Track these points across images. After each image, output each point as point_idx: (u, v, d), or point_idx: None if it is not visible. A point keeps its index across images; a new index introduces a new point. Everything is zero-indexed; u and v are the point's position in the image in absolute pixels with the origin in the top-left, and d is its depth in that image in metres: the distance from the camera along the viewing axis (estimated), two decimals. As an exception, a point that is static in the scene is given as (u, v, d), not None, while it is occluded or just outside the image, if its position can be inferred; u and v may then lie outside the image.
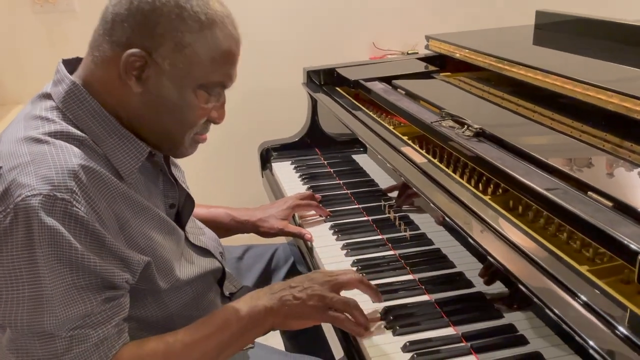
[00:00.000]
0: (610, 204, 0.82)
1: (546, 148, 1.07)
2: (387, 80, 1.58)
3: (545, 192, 0.87)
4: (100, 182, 0.85)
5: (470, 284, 1.05)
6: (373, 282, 1.10)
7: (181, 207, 1.07)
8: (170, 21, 0.86)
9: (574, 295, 0.75)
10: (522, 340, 0.92)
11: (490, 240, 0.90)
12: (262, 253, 1.50)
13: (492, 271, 0.94)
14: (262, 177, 1.81)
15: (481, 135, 1.11)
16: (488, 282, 1.01)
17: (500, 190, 1.08)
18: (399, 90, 1.49)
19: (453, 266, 1.12)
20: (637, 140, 1.07)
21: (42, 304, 0.79)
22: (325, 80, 1.76)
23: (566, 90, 1.23)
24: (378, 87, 1.54)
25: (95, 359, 0.82)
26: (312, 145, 1.80)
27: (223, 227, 1.34)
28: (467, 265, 1.08)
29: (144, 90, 0.88)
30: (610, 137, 1.13)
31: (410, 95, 1.44)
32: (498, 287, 1.01)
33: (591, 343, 0.70)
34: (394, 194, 1.33)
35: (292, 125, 1.90)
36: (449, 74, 1.70)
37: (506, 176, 0.96)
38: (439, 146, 1.27)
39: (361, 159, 1.61)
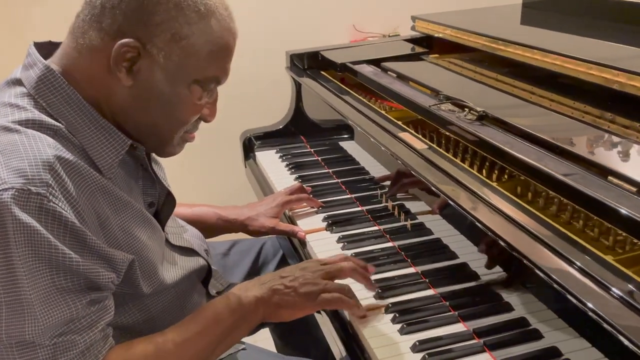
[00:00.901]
0: (634, 189, 0.76)
1: (554, 131, 1.01)
2: (375, 62, 1.51)
3: (564, 178, 0.82)
4: (78, 175, 0.77)
5: (476, 276, 1.00)
6: (374, 277, 1.04)
7: (160, 207, 0.98)
8: (168, 10, 0.79)
9: (603, 286, 0.70)
10: (536, 335, 0.87)
11: (505, 227, 0.84)
12: (249, 248, 1.42)
13: (506, 260, 0.89)
14: (246, 167, 1.73)
15: (484, 118, 1.05)
16: (498, 273, 0.97)
17: (505, 176, 1.02)
18: (389, 73, 1.42)
19: (456, 257, 1.07)
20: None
21: (21, 310, 0.71)
22: (309, 64, 1.68)
23: (567, 69, 1.17)
24: (367, 70, 1.46)
25: None
26: (297, 132, 1.73)
27: (209, 227, 1.25)
28: (470, 255, 1.03)
29: (134, 83, 0.81)
30: (617, 118, 1.08)
31: (402, 78, 1.37)
32: (508, 278, 0.96)
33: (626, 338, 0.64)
34: (389, 182, 1.27)
35: (275, 113, 1.82)
36: (437, 55, 1.64)
37: (518, 162, 0.91)
38: (436, 131, 1.21)
39: (349, 146, 1.54)
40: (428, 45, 1.70)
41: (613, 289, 0.69)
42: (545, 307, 0.90)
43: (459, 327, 0.92)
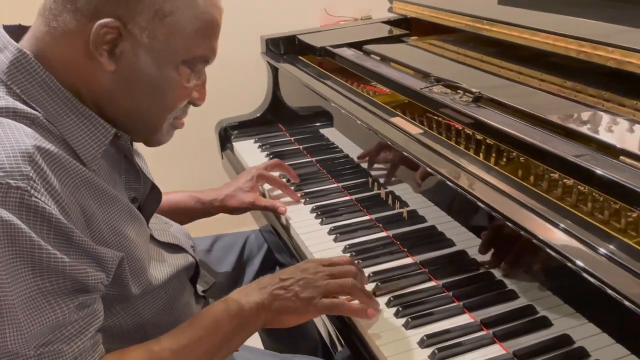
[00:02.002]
0: (648, 167, 0.74)
1: (554, 111, 0.98)
2: (356, 46, 1.46)
3: (575, 160, 0.78)
4: (60, 167, 0.70)
5: (476, 264, 0.97)
6: (370, 269, 1.00)
7: (143, 201, 0.92)
8: None
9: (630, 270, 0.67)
10: (545, 322, 0.85)
11: (517, 211, 0.81)
12: (233, 243, 1.37)
13: (509, 245, 0.86)
14: (222, 158, 1.66)
15: (480, 99, 1.01)
16: (499, 259, 0.94)
17: (504, 160, 0.99)
18: (372, 56, 1.37)
19: (453, 244, 1.03)
20: (640, 98, 1.01)
21: (2, 316, 0.64)
22: (285, 49, 1.61)
23: (557, 48, 1.14)
24: (349, 53, 1.41)
25: None
26: (275, 121, 1.66)
27: (188, 212, 1.21)
28: (468, 242, 1.00)
29: (118, 68, 0.74)
30: (609, 96, 1.06)
31: (387, 60, 1.32)
32: (510, 265, 0.93)
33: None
34: (378, 169, 1.22)
35: (249, 101, 1.75)
36: (415, 37, 1.60)
37: (522, 144, 0.87)
38: (425, 115, 1.16)
39: (329, 133, 1.49)
40: (407, 27, 1.66)
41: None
42: (551, 294, 0.87)
43: (465, 319, 0.88)
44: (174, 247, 0.99)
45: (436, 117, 1.16)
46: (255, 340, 1.39)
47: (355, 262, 0.96)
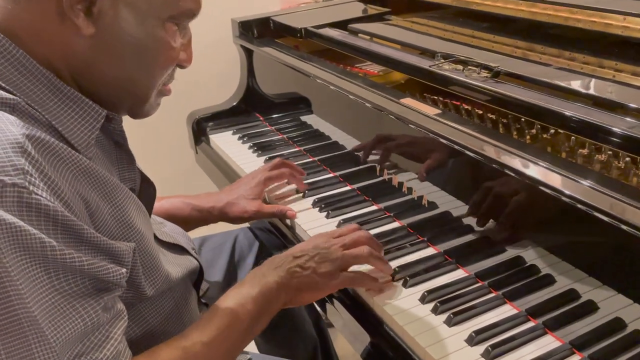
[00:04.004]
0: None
1: (577, 83, 0.93)
2: (339, 26, 1.37)
3: (626, 131, 0.73)
4: (56, 156, 0.62)
5: (501, 249, 0.91)
6: (393, 263, 0.92)
7: (138, 195, 0.81)
8: None
9: None
10: (592, 306, 0.80)
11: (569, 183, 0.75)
12: (222, 243, 1.27)
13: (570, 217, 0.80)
14: (197, 152, 1.53)
15: (498, 75, 0.95)
16: (524, 242, 0.88)
17: (528, 137, 0.93)
18: (360, 35, 1.29)
19: (472, 230, 0.96)
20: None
21: (22, 332, 0.56)
22: (259, 32, 1.50)
23: (559, 19, 1.10)
24: (334, 33, 1.32)
25: None
26: (251, 110, 1.55)
27: (184, 221, 1.08)
28: (490, 228, 0.94)
29: (97, 30, 0.64)
30: (621, 66, 1.02)
31: (378, 39, 1.24)
32: (539, 245, 0.88)
33: None
34: (376, 155, 1.14)
35: (220, 91, 1.63)
36: (393, 16, 1.53)
37: (567, 119, 0.81)
38: (430, 93, 1.10)
39: (311, 120, 1.40)
40: (382, 4, 1.58)
41: None
42: (587, 275, 0.83)
43: (508, 310, 0.82)
44: (176, 248, 0.90)
45: (440, 97, 1.09)
46: (250, 345, 1.30)
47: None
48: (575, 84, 0.91)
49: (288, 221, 1.10)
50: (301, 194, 1.15)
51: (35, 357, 0.56)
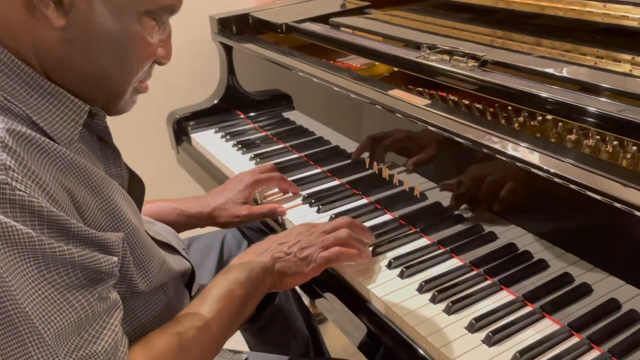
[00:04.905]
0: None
1: (565, 70, 0.94)
2: (320, 20, 1.36)
3: (618, 114, 0.74)
4: (38, 149, 0.60)
5: (493, 235, 0.91)
6: (389, 255, 0.93)
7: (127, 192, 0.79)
8: None
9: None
10: (586, 289, 0.81)
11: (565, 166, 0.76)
12: (209, 244, 1.25)
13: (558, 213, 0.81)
14: (178, 152, 1.51)
15: (486, 64, 0.95)
16: (514, 229, 0.89)
17: (516, 125, 0.94)
18: (342, 29, 1.28)
19: (462, 219, 0.97)
20: (636, 52, 0.99)
21: (17, 330, 0.55)
22: (238, 29, 1.48)
23: (539, 8, 1.12)
24: (316, 28, 1.31)
25: None
26: (232, 108, 1.54)
27: (169, 226, 1.05)
28: (481, 216, 0.95)
29: (69, 23, 0.62)
30: (602, 52, 1.04)
31: (362, 33, 1.24)
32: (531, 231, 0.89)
33: None
34: (369, 150, 1.14)
35: (199, 90, 1.61)
36: (372, 10, 1.53)
37: (562, 105, 0.81)
38: (413, 84, 1.10)
39: (293, 116, 1.39)
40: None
41: None
42: (578, 259, 0.84)
43: (505, 296, 0.83)
44: (167, 248, 0.88)
45: (425, 89, 1.10)
46: (240, 345, 1.29)
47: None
48: (562, 71, 0.92)
49: (279, 218, 1.09)
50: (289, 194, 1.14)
51: (31, 356, 0.55)
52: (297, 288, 1.17)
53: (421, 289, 0.85)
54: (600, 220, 0.75)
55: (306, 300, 1.40)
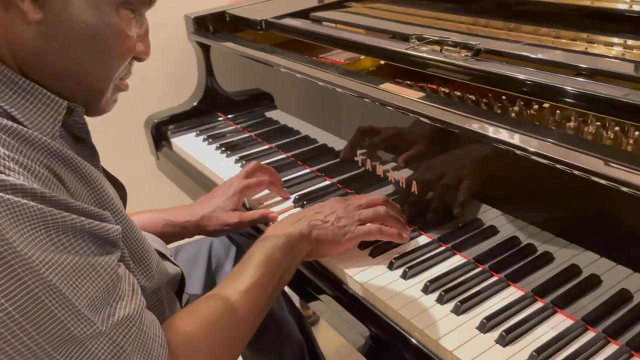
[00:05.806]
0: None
1: (559, 56, 0.92)
2: (300, 15, 1.32)
3: (623, 98, 0.72)
4: (24, 141, 0.58)
5: (494, 229, 0.89)
6: (386, 255, 0.89)
7: None
8: None
9: None
10: (595, 280, 0.79)
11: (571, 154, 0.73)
12: (197, 252, 1.20)
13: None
14: (158, 158, 1.45)
15: (479, 53, 0.92)
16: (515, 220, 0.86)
17: (513, 114, 0.92)
18: (325, 23, 1.24)
19: (463, 214, 0.94)
20: (628, 35, 0.98)
21: (44, 303, 0.53)
22: (215, 27, 1.43)
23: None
24: (297, 23, 1.27)
25: (156, 345, 0.62)
26: (212, 110, 1.48)
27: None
28: (478, 209, 0.92)
29: (45, 16, 0.59)
30: (593, 37, 1.02)
31: (346, 26, 1.20)
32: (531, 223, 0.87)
33: None
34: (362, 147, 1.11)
35: (176, 92, 1.56)
36: (353, 3, 1.49)
37: (565, 92, 0.79)
38: (402, 77, 1.07)
39: (276, 115, 1.35)
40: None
41: None
42: (584, 249, 0.82)
43: (514, 292, 0.80)
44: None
45: (414, 82, 1.07)
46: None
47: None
48: (556, 57, 0.90)
49: (270, 223, 1.04)
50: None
51: (67, 327, 0.54)
52: (288, 290, 1.14)
53: (426, 290, 0.82)
54: (603, 207, 0.73)
55: (296, 302, 1.37)
